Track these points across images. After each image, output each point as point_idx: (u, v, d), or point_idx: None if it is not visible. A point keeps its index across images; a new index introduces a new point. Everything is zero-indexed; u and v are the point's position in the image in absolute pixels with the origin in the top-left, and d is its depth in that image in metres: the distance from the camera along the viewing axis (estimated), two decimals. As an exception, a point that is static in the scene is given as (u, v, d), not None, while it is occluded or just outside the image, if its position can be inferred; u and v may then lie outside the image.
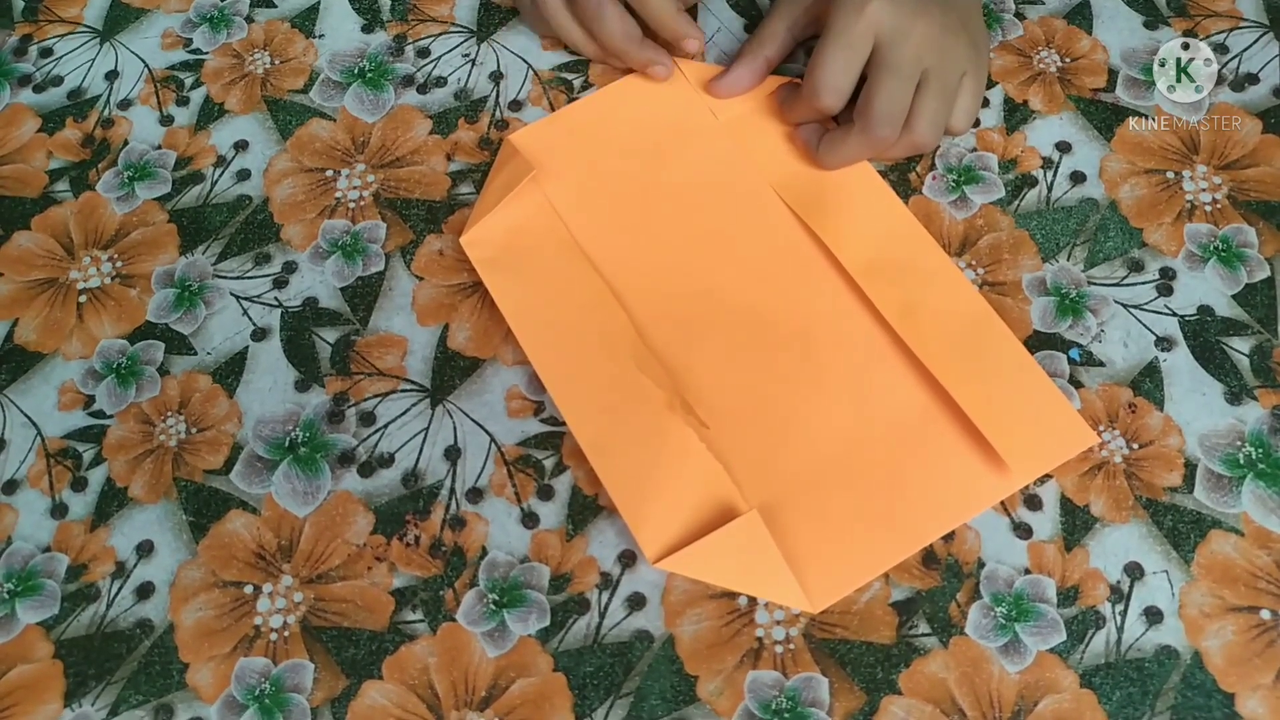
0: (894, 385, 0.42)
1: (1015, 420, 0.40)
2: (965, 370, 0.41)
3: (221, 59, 0.52)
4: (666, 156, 0.48)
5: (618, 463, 0.40)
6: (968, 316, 0.43)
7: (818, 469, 0.40)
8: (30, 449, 0.43)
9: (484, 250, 0.45)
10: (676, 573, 0.39)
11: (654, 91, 0.49)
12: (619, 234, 0.46)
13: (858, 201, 0.46)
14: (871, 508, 0.39)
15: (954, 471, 0.40)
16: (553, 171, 0.47)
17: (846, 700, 0.37)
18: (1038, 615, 0.38)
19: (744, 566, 0.38)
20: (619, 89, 0.49)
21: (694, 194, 0.47)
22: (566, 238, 0.45)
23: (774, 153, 0.47)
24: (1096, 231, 0.45)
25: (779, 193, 0.46)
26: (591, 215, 0.46)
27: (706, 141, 0.48)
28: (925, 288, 0.43)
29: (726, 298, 0.44)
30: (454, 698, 0.38)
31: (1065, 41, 0.50)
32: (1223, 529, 0.39)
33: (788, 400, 0.42)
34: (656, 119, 0.48)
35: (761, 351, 0.43)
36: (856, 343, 0.43)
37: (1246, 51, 0.50)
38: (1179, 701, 0.37)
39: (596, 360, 0.42)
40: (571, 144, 0.48)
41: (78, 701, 0.38)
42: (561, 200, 0.46)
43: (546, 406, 0.43)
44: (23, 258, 0.48)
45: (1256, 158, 0.47)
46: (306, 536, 0.41)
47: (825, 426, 0.41)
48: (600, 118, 0.49)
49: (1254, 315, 0.43)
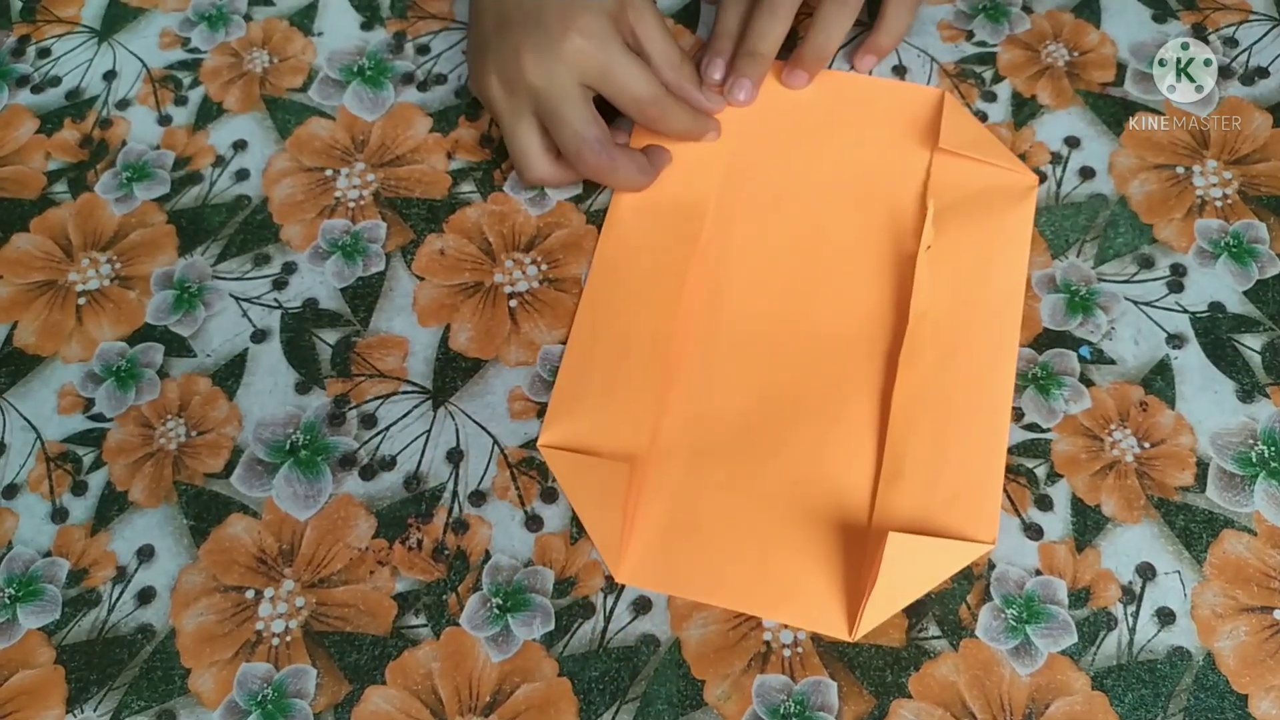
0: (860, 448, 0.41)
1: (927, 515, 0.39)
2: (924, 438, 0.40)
3: (220, 58, 0.52)
4: (829, 150, 0.47)
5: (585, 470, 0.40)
6: (978, 393, 0.41)
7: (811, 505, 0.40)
8: (30, 453, 0.43)
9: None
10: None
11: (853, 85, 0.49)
12: (752, 223, 0.46)
13: (991, 247, 0.44)
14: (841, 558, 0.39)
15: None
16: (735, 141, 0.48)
17: (855, 704, 0.37)
18: (1049, 617, 0.38)
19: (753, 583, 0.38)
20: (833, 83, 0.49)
21: (839, 192, 0.46)
22: (700, 203, 0.46)
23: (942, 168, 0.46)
24: (1106, 228, 0.45)
25: (930, 193, 0.45)
26: (738, 196, 0.46)
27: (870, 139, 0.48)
28: (966, 350, 0.42)
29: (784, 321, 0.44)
30: (458, 703, 0.37)
31: (1073, 35, 0.50)
32: (1235, 528, 0.39)
33: (797, 426, 0.42)
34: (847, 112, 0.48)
35: (772, 369, 0.43)
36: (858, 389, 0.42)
37: (1257, 45, 0.49)
38: (1191, 703, 0.36)
39: (622, 360, 0.42)
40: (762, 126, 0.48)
41: (79, 707, 0.38)
42: (725, 168, 0.47)
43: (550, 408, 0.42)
44: (21, 260, 0.47)
45: (1267, 152, 0.46)
46: (308, 540, 0.40)
47: (844, 470, 0.41)
48: (797, 105, 0.49)
49: (1266, 312, 0.43)
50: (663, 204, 0.46)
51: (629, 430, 0.41)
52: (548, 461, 0.41)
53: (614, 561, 0.39)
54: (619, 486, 0.38)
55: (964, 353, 0.42)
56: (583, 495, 0.40)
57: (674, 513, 0.40)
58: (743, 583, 0.39)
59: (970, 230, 0.44)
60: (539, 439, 0.41)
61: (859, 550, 0.39)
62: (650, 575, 0.39)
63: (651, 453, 0.41)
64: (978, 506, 0.39)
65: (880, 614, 0.37)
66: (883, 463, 0.40)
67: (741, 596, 0.38)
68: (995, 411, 0.41)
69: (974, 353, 0.42)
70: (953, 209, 0.44)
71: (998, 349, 0.42)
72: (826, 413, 0.42)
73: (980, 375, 0.41)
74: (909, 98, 0.48)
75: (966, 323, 0.42)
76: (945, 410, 0.41)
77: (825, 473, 0.40)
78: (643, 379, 0.42)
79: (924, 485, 0.39)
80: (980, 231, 0.44)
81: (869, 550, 0.38)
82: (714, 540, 0.39)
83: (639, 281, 0.44)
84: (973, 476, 0.40)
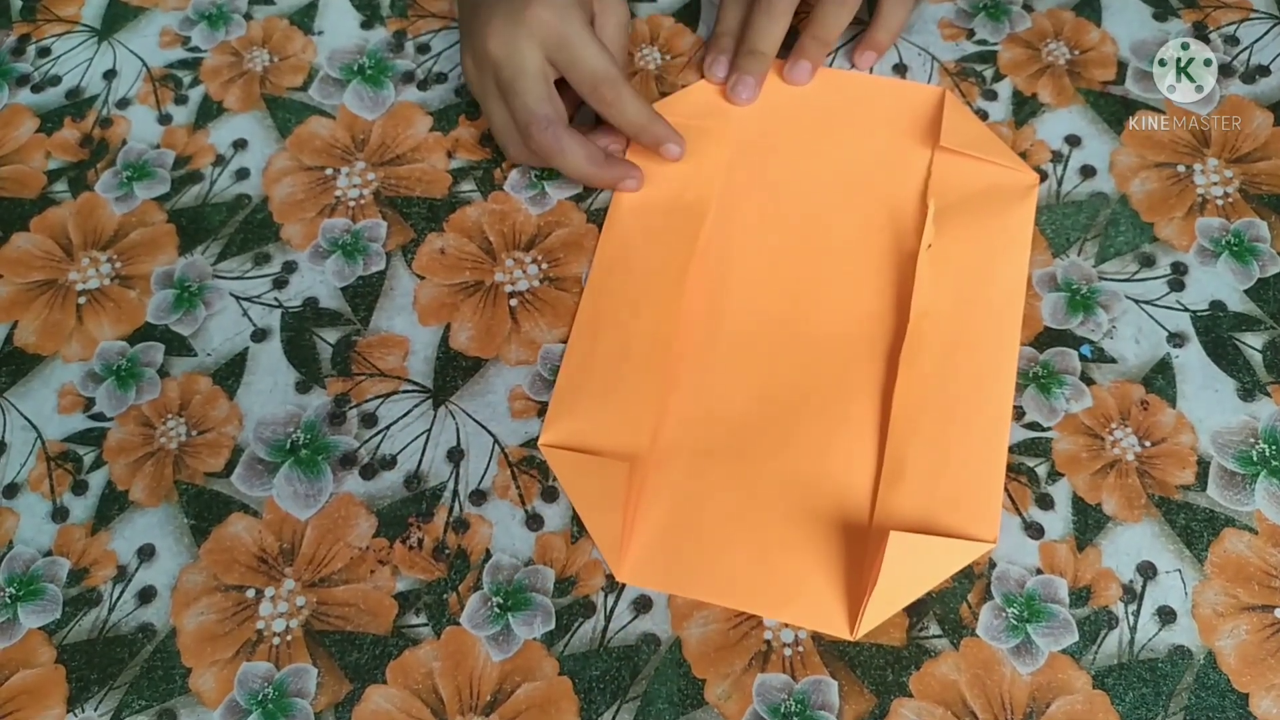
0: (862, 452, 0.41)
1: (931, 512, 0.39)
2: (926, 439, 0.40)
3: (220, 57, 0.52)
4: (829, 148, 0.48)
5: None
6: (979, 391, 0.41)
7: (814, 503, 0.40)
8: (31, 452, 0.43)
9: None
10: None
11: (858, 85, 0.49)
12: (753, 219, 0.46)
13: (992, 241, 0.44)
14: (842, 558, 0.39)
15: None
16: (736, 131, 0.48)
17: (856, 703, 0.37)
18: (1050, 616, 0.38)
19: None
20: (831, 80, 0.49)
21: (836, 191, 0.46)
22: (702, 198, 0.46)
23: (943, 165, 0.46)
24: (1107, 226, 0.45)
25: (931, 191, 0.45)
26: (740, 189, 0.46)
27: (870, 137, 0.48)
28: (967, 349, 0.42)
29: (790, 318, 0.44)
30: (458, 702, 0.37)
31: (1074, 34, 0.50)
32: (1236, 527, 0.39)
33: (804, 419, 0.42)
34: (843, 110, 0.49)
35: (778, 367, 0.43)
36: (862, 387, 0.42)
37: (1258, 43, 0.49)
38: (1192, 702, 0.36)
39: (622, 358, 0.42)
40: (762, 120, 0.48)
41: (80, 707, 0.38)
42: (728, 160, 0.47)
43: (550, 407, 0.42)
44: (22, 259, 0.47)
45: (1268, 151, 0.46)
46: (308, 540, 0.40)
47: (846, 468, 0.41)
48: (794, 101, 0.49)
49: (1267, 310, 0.43)
50: (663, 204, 0.46)
51: (630, 429, 0.41)
52: (548, 460, 0.41)
53: (615, 561, 0.39)
54: (620, 486, 0.38)
55: (965, 351, 0.42)
56: (583, 495, 0.40)
57: (675, 512, 0.40)
58: (743, 582, 0.39)
59: (971, 229, 0.44)
60: (540, 438, 0.41)
61: (860, 549, 0.39)
62: (651, 575, 0.39)
63: (652, 452, 0.41)
64: (979, 505, 0.39)
65: (881, 613, 0.37)
66: (884, 462, 0.40)
67: (742, 596, 0.38)
68: (996, 410, 0.41)
69: (975, 351, 0.42)
70: (954, 208, 0.44)
71: (999, 347, 0.42)
72: (827, 411, 0.41)
73: (981, 374, 0.41)
74: (910, 96, 0.48)
75: (967, 321, 0.42)
76: (946, 409, 0.41)
77: (826, 471, 0.40)
78: (644, 378, 0.42)
79: (925, 484, 0.39)
80: (981, 230, 0.44)
81: (870, 549, 0.38)
82: (715, 539, 0.39)
83: (640, 281, 0.44)
84: (974, 475, 0.39)
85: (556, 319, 0.44)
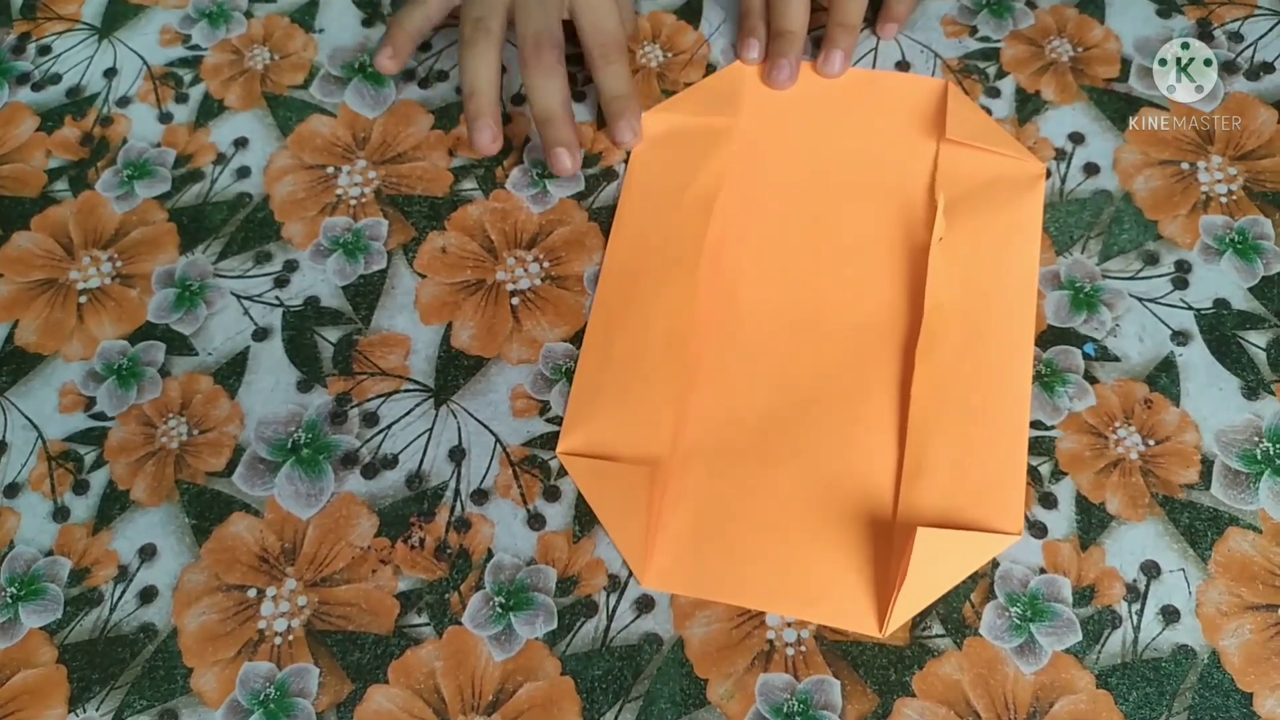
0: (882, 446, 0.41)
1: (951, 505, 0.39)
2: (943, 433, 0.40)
3: (220, 55, 0.52)
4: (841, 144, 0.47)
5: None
6: (997, 382, 0.41)
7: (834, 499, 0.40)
8: (31, 452, 0.43)
9: (644, 159, 0.47)
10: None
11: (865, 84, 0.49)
12: (763, 214, 0.46)
13: (1001, 237, 0.44)
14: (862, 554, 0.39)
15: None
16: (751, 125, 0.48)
17: (859, 703, 0.37)
18: (1053, 615, 0.38)
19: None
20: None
21: (847, 186, 0.46)
22: (710, 189, 0.46)
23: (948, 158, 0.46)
24: (1111, 224, 0.45)
25: (939, 187, 0.45)
26: (752, 182, 0.46)
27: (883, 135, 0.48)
28: (983, 340, 0.42)
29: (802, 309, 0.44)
30: (460, 702, 0.37)
31: (1077, 31, 0.49)
32: (1240, 526, 0.39)
33: (818, 425, 0.41)
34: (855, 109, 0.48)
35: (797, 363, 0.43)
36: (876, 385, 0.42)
37: (1262, 40, 0.49)
38: (1196, 702, 0.36)
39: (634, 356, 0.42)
40: (775, 110, 0.48)
41: (81, 707, 0.38)
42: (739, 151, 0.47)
43: (552, 406, 0.42)
44: (22, 258, 0.47)
45: (1272, 148, 0.46)
46: (310, 539, 0.40)
47: (865, 462, 0.40)
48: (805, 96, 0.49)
49: (1271, 308, 0.43)
50: (670, 201, 0.46)
51: (649, 433, 0.41)
52: (567, 468, 0.41)
53: (639, 567, 0.39)
54: (641, 491, 0.38)
55: (981, 342, 0.42)
56: (605, 502, 0.40)
57: (698, 515, 0.40)
58: (769, 583, 0.38)
59: (981, 220, 0.44)
60: (558, 446, 0.41)
61: (885, 545, 0.39)
62: (676, 579, 0.39)
63: (673, 455, 0.41)
64: (1001, 497, 0.39)
65: (910, 609, 0.37)
66: (905, 457, 0.40)
67: (769, 597, 0.38)
68: (1014, 400, 0.41)
69: (991, 341, 0.42)
70: (962, 199, 0.44)
71: (1014, 336, 0.42)
72: (846, 408, 0.41)
73: (998, 364, 0.41)
74: (912, 89, 0.48)
75: (982, 312, 0.42)
76: (965, 401, 0.40)
77: (847, 468, 0.40)
78: (661, 381, 0.41)
79: (947, 478, 0.39)
80: (991, 221, 0.44)
81: (895, 545, 0.38)
82: (739, 541, 0.39)
83: (651, 281, 0.44)
84: (995, 466, 0.39)
85: (558, 318, 0.44)
